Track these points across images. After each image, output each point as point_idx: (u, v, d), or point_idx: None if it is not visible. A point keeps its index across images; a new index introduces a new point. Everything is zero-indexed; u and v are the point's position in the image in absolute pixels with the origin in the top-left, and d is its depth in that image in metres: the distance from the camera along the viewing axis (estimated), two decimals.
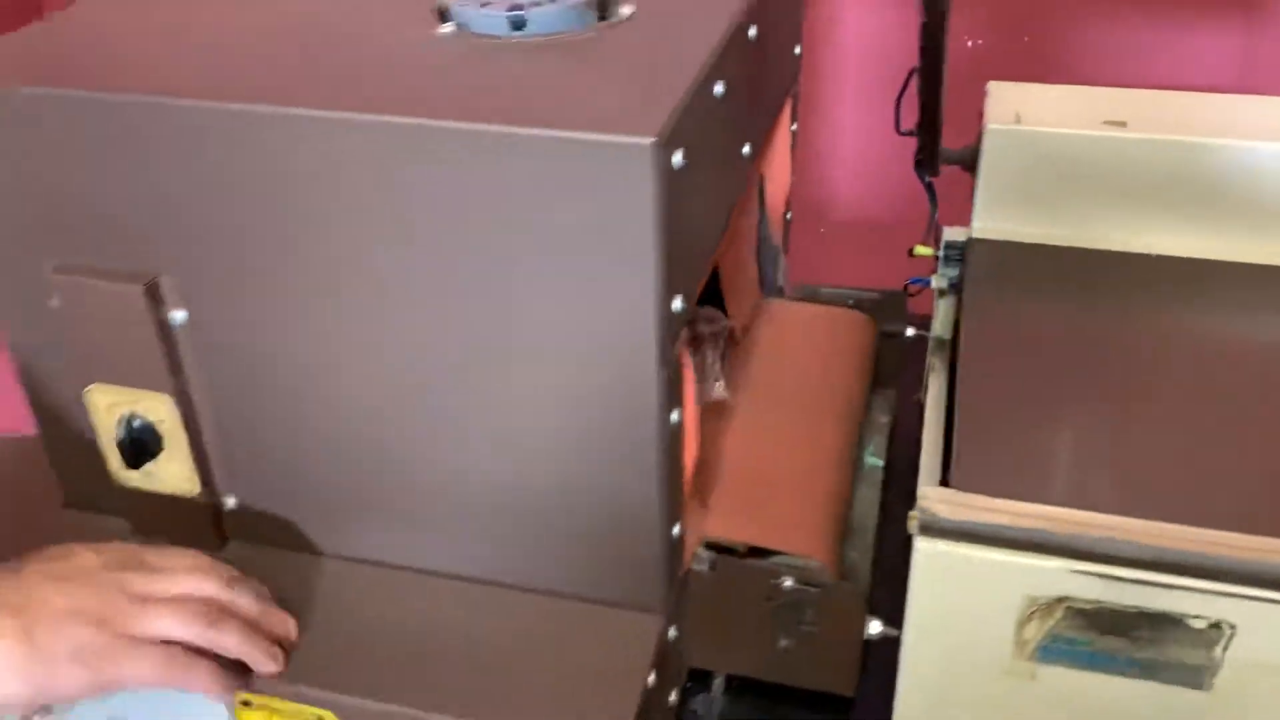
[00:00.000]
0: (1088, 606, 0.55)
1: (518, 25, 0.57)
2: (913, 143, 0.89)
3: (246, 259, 0.54)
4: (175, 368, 0.58)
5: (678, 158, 0.48)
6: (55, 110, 0.52)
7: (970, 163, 0.86)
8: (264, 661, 0.55)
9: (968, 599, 0.58)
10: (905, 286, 0.90)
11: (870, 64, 1.22)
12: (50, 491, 0.68)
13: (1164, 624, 0.55)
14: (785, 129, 0.81)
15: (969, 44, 1.24)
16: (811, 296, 0.89)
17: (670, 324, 0.51)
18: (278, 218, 0.52)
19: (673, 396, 0.54)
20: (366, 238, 0.51)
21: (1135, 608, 0.55)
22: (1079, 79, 0.88)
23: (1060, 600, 0.56)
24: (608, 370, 0.51)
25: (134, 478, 0.62)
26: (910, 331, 0.88)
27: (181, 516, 0.63)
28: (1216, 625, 0.54)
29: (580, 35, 0.57)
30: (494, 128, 0.47)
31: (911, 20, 0.70)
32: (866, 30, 1.21)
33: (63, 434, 0.63)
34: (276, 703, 0.57)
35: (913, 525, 0.58)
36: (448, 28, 0.58)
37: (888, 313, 0.89)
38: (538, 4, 0.58)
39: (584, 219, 0.47)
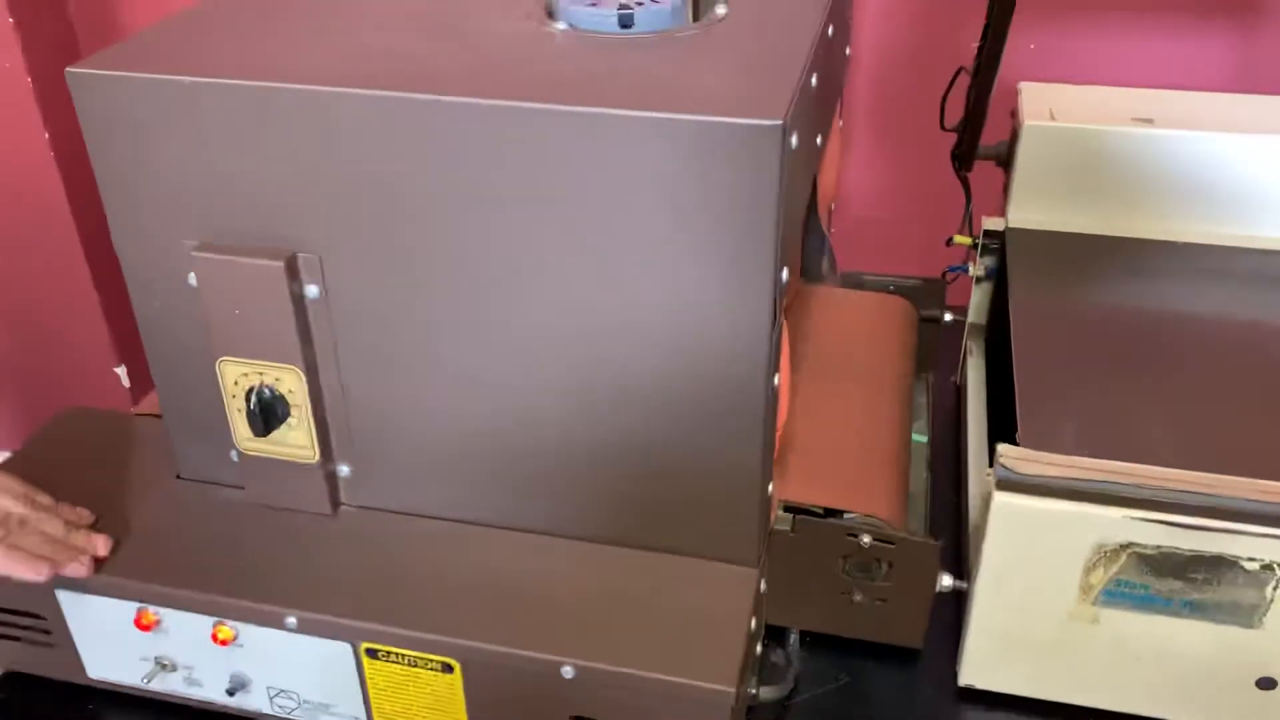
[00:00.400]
0: (1150, 551, 0.61)
1: (626, 23, 0.62)
2: (935, 141, 0.95)
3: (379, 237, 0.58)
4: (306, 340, 0.62)
5: (794, 140, 0.53)
6: (207, 98, 0.56)
7: (1004, 158, 0.92)
8: (66, 564, 0.62)
9: (1039, 548, 0.63)
10: (943, 274, 0.95)
11: (888, 66, 1.28)
12: (159, 463, 0.72)
13: (1219, 567, 0.61)
14: (836, 123, 0.87)
15: (975, 46, 1.30)
16: (856, 283, 0.95)
17: (780, 292, 0.56)
18: (413, 199, 0.56)
19: (775, 362, 0.59)
20: (503, 218, 0.56)
21: (1194, 552, 0.60)
22: (1083, 83, 0.94)
23: (1125, 546, 0.61)
24: (723, 336, 0.56)
25: (258, 446, 0.66)
26: (948, 317, 0.94)
27: (298, 483, 0.67)
28: (1268, 566, 0.60)
29: (684, 32, 0.62)
30: (635, 113, 0.51)
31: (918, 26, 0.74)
32: (885, 33, 1.27)
33: (186, 406, 0.67)
34: (405, 651, 0.61)
35: (991, 480, 0.63)
36: (560, 25, 0.62)
37: (926, 299, 0.94)
38: (641, 4, 0.63)
39: (713, 195, 0.52)
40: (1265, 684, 0.64)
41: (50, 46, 1.52)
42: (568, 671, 0.59)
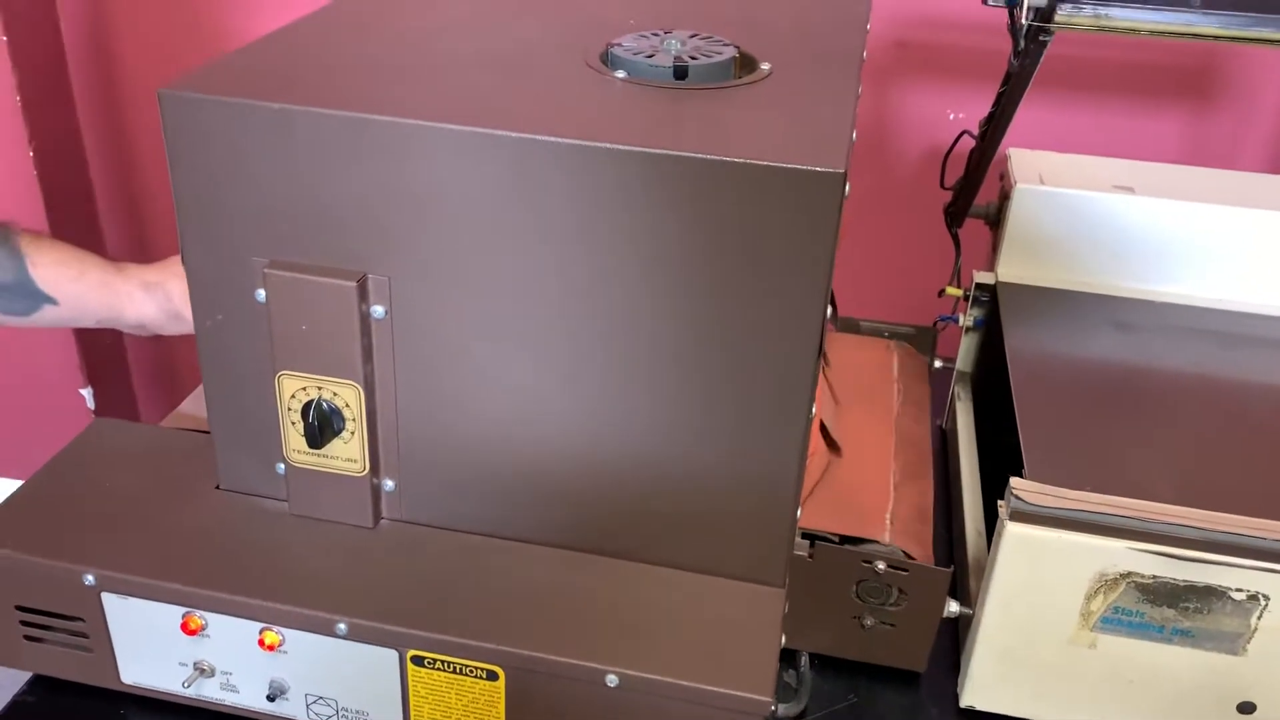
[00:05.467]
0: (1147, 581, 0.66)
1: (681, 75, 0.66)
2: (927, 198, 1.01)
3: (448, 264, 0.62)
4: (367, 358, 0.65)
5: (848, 187, 0.58)
6: (297, 124, 0.59)
7: (993, 217, 0.98)
8: None
9: (1045, 576, 0.68)
10: (935, 323, 1.01)
11: (881, 127, 1.35)
12: (197, 474, 0.74)
13: (1209, 596, 0.66)
14: None
15: (950, 116, 1.39)
16: (852, 328, 1.00)
17: (825, 326, 0.61)
18: (484, 229, 0.60)
19: (814, 391, 0.63)
20: (567, 251, 0.60)
21: (1187, 582, 0.66)
22: (1057, 150, 1.02)
23: (1124, 576, 0.66)
24: (773, 369, 0.60)
25: (308, 458, 0.68)
26: (938, 364, 0.99)
27: (344, 495, 0.69)
28: (1254, 596, 0.65)
29: (735, 86, 0.66)
30: (702, 155, 0.56)
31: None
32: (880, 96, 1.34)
33: (236, 417, 0.69)
34: (452, 658, 0.64)
35: (1003, 511, 0.68)
36: (619, 74, 0.67)
37: (917, 346, 1.00)
38: (694, 58, 0.67)
39: (774, 234, 0.57)
40: (1246, 708, 0.69)
41: (39, 65, 1.53)
42: (611, 680, 0.62)
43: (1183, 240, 0.91)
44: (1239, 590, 0.65)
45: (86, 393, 1.76)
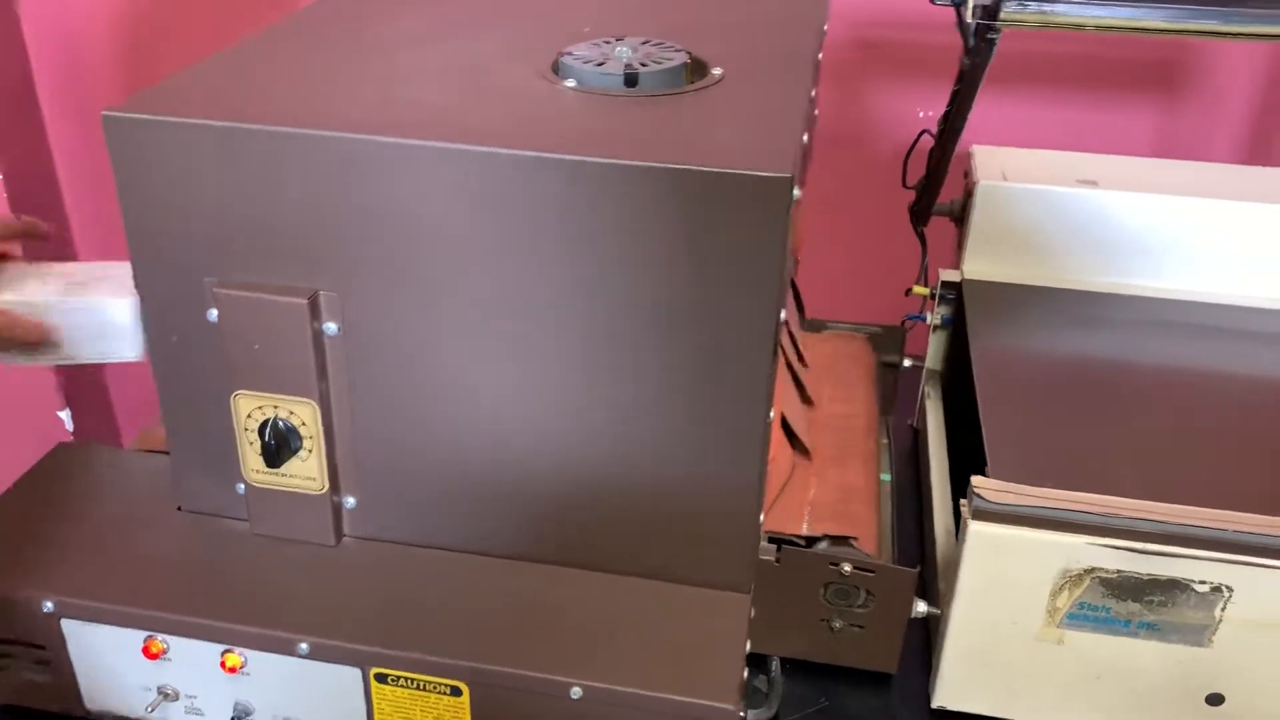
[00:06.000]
0: (1111, 576, 0.66)
1: (631, 82, 0.66)
2: (897, 198, 1.01)
3: (399, 278, 0.61)
4: (322, 375, 0.64)
5: (797, 191, 0.58)
6: (242, 143, 0.59)
7: (958, 214, 0.98)
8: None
9: (1010, 573, 0.68)
10: (903, 321, 1.01)
11: (845, 127, 1.35)
12: (158, 496, 0.73)
13: (1173, 590, 0.66)
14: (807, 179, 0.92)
15: (920, 114, 1.39)
16: (819, 329, 1.00)
17: (780, 331, 0.60)
18: (435, 243, 0.60)
19: (772, 395, 0.63)
20: (519, 263, 0.59)
21: (1150, 575, 0.66)
22: (1025, 147, 1.02)
23: (1088, 571, 0.66)
24: (728, 373, 0.60)
25: (267, 477, 0.67)
26: (907, 363, 0.99)
27: (305, 514, 0.69)
28: (1217, 588, 0.65)
29: (686, 92, 0.66)
30: (651, 164, 0.56)
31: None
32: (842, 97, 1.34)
33: (194, 437, 0.69)
34: (415, 675, 0.63)
35: (966, 511, 0.68)
36: (569, 83, 0.67)
37: (885, 346, 1.00)
38: (645, 65, 0.67)
39: (724, 240, 0.57)
40: (1214, 700, 0.69)
41: (5, 91, 1.53)
42: (575, 692, 0.61)
43: (1147, 233, 0.91)
44: (1202, 583, 0.65)
45: (65, 415, 1.75)
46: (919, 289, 0.99)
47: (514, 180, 0.57)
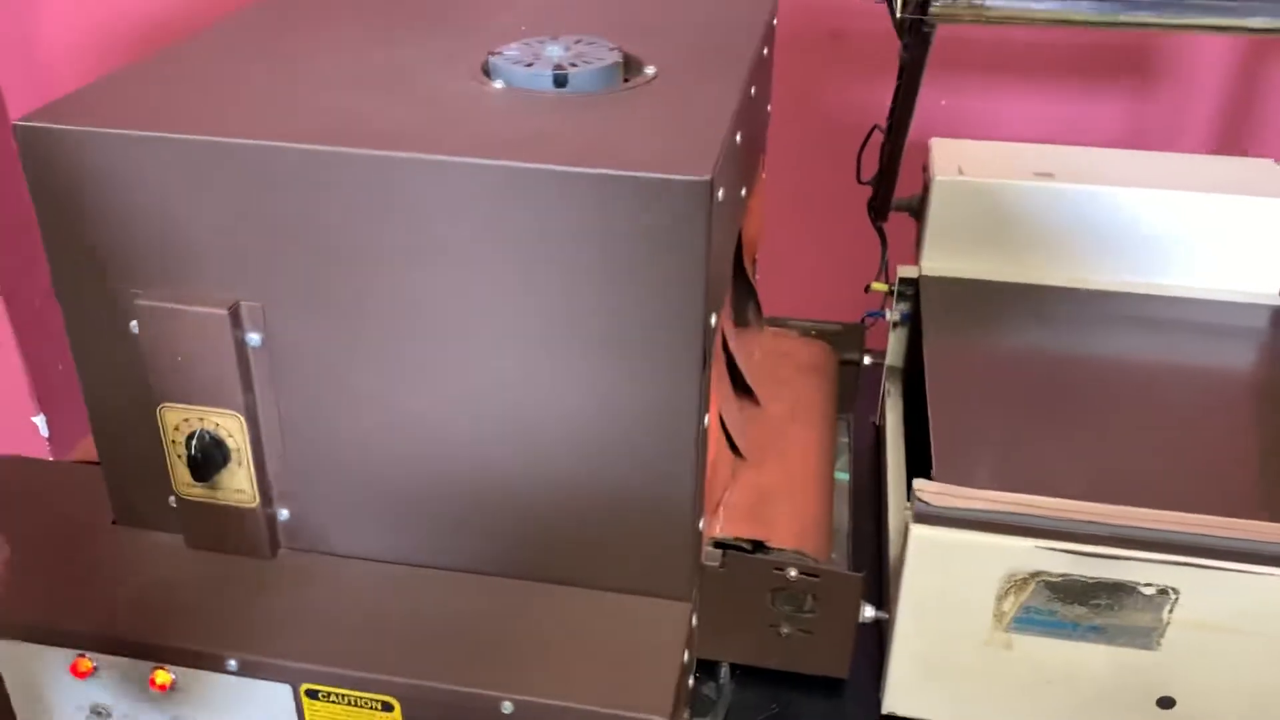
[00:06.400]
0: (1057, 579, 0.65)
1: (560, 83, 0.65)
2: (853, 194, 1.00)
3: (321, 287, 0.60)
4: (247, 387, 0.63)
5: (720, 194, 0.56)
6: (153, 152, 0.58)
7: (917, 209, 0.97)
8: None
9: (954, 578, 0.67)
10: (862, 319, 1.00)
11: (807, 123, 1.34)
12: (95, 509, 0.72)
13: (1119, 592, 0.65)
14: (760, 177, 0.91)
15: (880, 121, 1.37)
16: (780, 327, 0.98)
17: (710, 336, 0.59)
18: (353, 251, 0.59)
19: (705, 403, 0.62)
20: (440, 269, 0.58)
21: (1096, 578, 0.65)
22: (990, 139, 1.00)
23: (1034, 575, 0.65)
24: (656, 379, 0.59)
25: (198, 491, 0.66)
26: (867, 360, 0.98)
27: (237, 528, 0.67)
28: (1164, 590, 0.64)
29: (615, 92, 0.65)
30: (570, 169, 0.54)
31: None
32: (804, 92, 1.33)
33: (124, 452, 0.68)
34: (343, 691, 0.62)
35: (908, 515, 0.66)
36: (497, 84, 0.65)
37: (846, 343, 0.98)
38: (575, 65, 0.66)
39: (646, 247, 0.55)
40: (1165, 703, 0.68)
41: None
42: (506, 707, 0.60)
43: (1103, 226, 0.89)
44: (1148, 585, 0.64)
45: (40, 420, 1.74)
46: (878, 285, 0.98)
47: (430, 185, 0.56)
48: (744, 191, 0.75)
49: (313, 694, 0.63)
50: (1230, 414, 0.75)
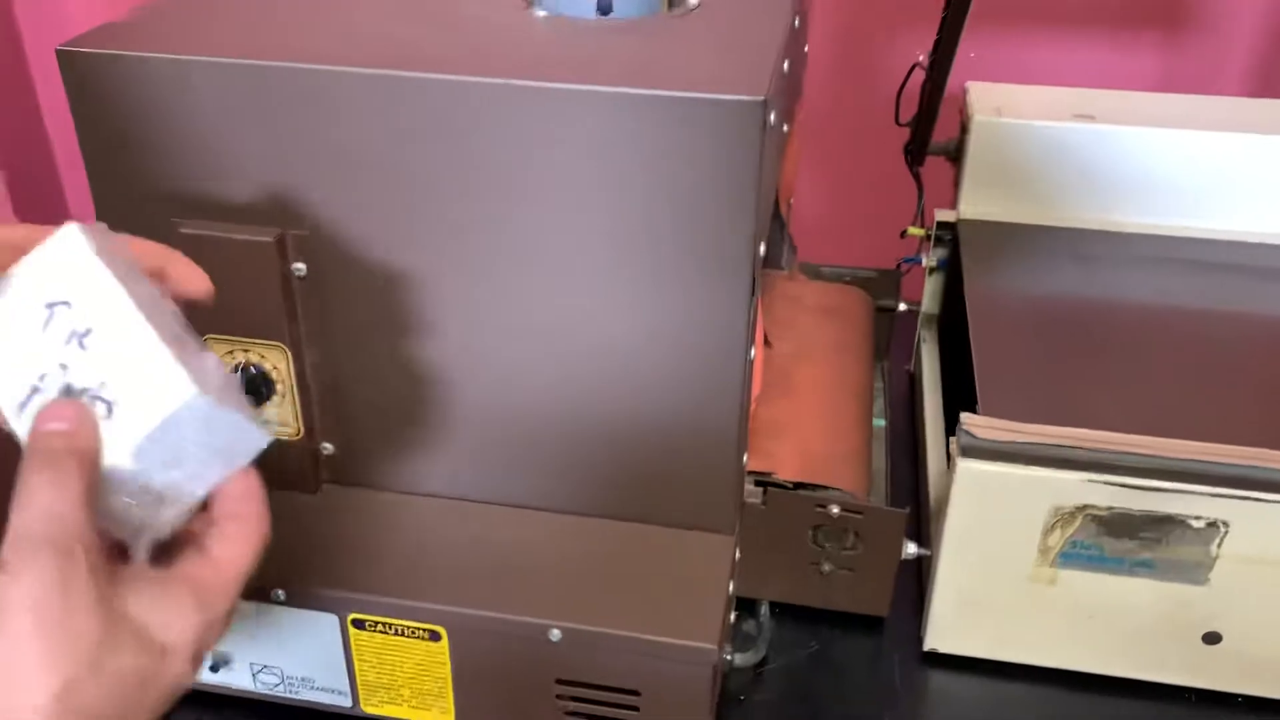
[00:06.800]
0: (1104, 513, 0.64)
1: (604, 10, 0.64)
2: (888, 138, 0.99)
3: (369, 216, 0.60)
4: (292, 318, 0.63)
5: (772, 117, 0.56)
6: (200, 77, 0.57)
7: (954, 153, 0.96)
8: None
9: (1000, 513, 0.66)
10: (898, 265, 0.99)
11: (842, 65, 1.32)
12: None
13: (1167, 526, 0.64)
14: (796, 117, 0.90)
15: (921, 57, 1.35)
16: (814, 274, 0.98)
17: (758, 265, 0.59)
18: (404, 179, 0.58)
19: (752, 333, 0.61)
20: (492, 199, 0.58)
21: (1144, 512, 0.64)
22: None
23: (1080, 509, 0.65)
24: (707, 308, 0.59)
25: None
26: (902, 306, 0.97)
27: (282, 461, 0.67)
28: (1213, 524, 0.63)
29: (661, 19, 0.64)
30: (622, 89, 0.54)
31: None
32: (839, 33, 1.31)
33: None
34: (390, 620, 0.62)
35: (954, 449, 0.66)
36: (540, 11, 0.65)
37: (881, 290, 0.98)
38: None
39: (697, 170, 0.55)
40: (1211, 638, 0.68)
41: None
42: (554, 634, 0.60)
43: (1145, 168, 0.88)
44: (1197, 519, 0.64)
45: None
46: (914, 230, 0.97)
47: (480, 110, 0.55)
48: (786, 127, 0.74)
49: (359, 624, 0.63)
50: (1273, 353, 0.75)
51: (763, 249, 0.60)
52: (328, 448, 0.68)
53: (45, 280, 0.45)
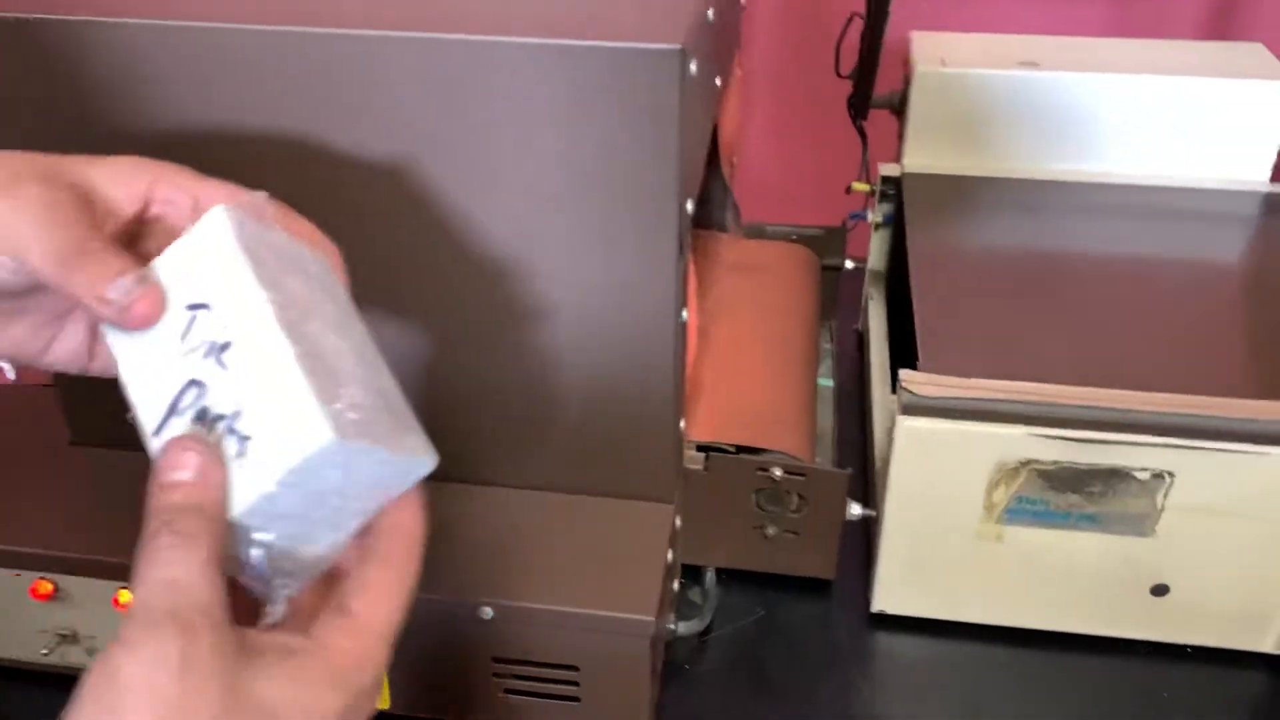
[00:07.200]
0: (1049, 467, 0.63)
1: None
2: (831, 92, 0.97)
3: (289, 175, 0.57)
4: None
5: (693, 66, 0.53)
6: (96, 35, 0.54)
7: (898, 105, 0.94)
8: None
9: (943, 470, 0.65)
10: (844, 222, 0.97)
11: (783, 18, 1.30)
12: (51, 431, 0.69)
13: (1113, 478, 0.63)
14: (734, 73, 0.87)
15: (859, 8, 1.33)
16: (758, 233, 0.96)
17: (686, 222, 0.56)
18: (317, 135, 0.55)
19: (682, 295, 0.59)
20: (406, 150, 0.55)
21: (1089, 465, 0.63)
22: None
23: (1025, 463, 0.63)
24: (634, 268, 0.56)
25: None
26: (849, 264, 0.95)
27: None
28: (1159, 475, 0.62)
29: None
30: (535, 40, 0.51)
31: None
32: None
33: None
34: None
35: (894, 408, 0.64)
36: None
37: (827, 248, 0.96)
38: None
39: (616, 124, 0.52)
40: (1159, 590, 0.67)
41: None
42: (486, 613, 0.58)
43: (1092, 115, 0.86)
44: (1143, 470, 0.62)
45: (5, 365, 1.70)
46: (859, 186, 0.95)
47: (396, 65, 0.52)
48: (718, 81, 0.71)
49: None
50: (1221, 300, 0.74)
51: (691, 206, 0.58)
52: None
53: (186, 277, 0.40)
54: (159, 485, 0.37)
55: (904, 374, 0.64)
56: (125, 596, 0.61)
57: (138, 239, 0.44)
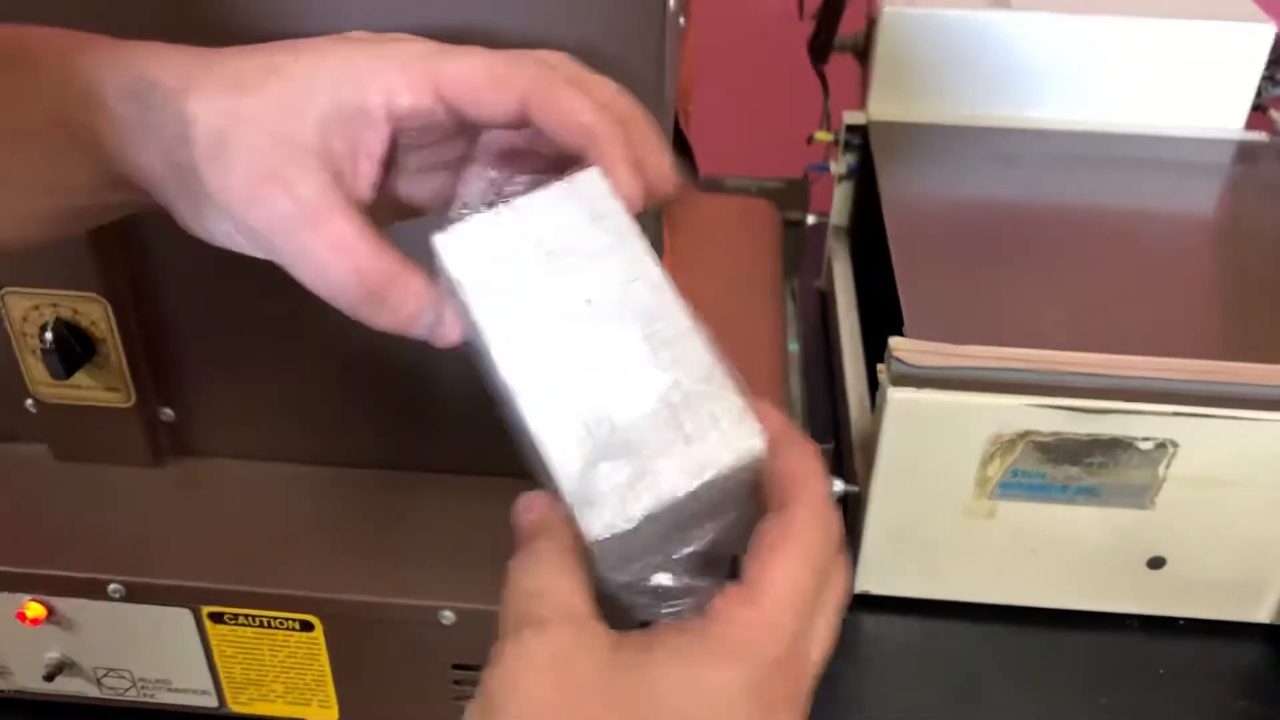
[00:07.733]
0: (1048, 438, 0.59)
1: None
2: (790, 35, 0.91)
3: None
4: (107, 266, 0.52)
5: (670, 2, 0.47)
6: None
7: (861, 49, 0.88)
8: None
9: (935, 444, 0.60)
10: (805, 174, 0.92)
11: None
12: None
13: (1115, 449, 0.59)
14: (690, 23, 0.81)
15: None
16: (717, 187, 0.90)
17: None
18: None
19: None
20: None
21: (1090, 435, 0.59)
22: None
23: (1022, 435, 0.59)
24: None
25: (60, 391, 0.56)
26: (811, 219, 0.90)
27: (113, 431, 0.58)
28: (1161, 445, 0.59)
29: None
30: None
31: None
32: None
33: None
34: (256, 611, 0.54)
35: (884, 376, 0.60)
36: None
37: (788, 201, 0.90)
38: None
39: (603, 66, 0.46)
40: (1155, 563, 0.63)
41: None
42: (447, 617, 0.53)
43: (1068, 59, 0.82)
44: (1146, 439, 0.59)
45: None
46: (821, 135, 0.90)
47: None
48: (683, 20, 0.65)
49: (217, 617, 0.54)
50: (1207, 255, 0.70)
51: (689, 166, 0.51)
52: (167, 414, 0.58)
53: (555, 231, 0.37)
54: (516, 509, 0.38)
55: (893, 342, 0.59)
56: (34, 609, 0.54)
57: None
